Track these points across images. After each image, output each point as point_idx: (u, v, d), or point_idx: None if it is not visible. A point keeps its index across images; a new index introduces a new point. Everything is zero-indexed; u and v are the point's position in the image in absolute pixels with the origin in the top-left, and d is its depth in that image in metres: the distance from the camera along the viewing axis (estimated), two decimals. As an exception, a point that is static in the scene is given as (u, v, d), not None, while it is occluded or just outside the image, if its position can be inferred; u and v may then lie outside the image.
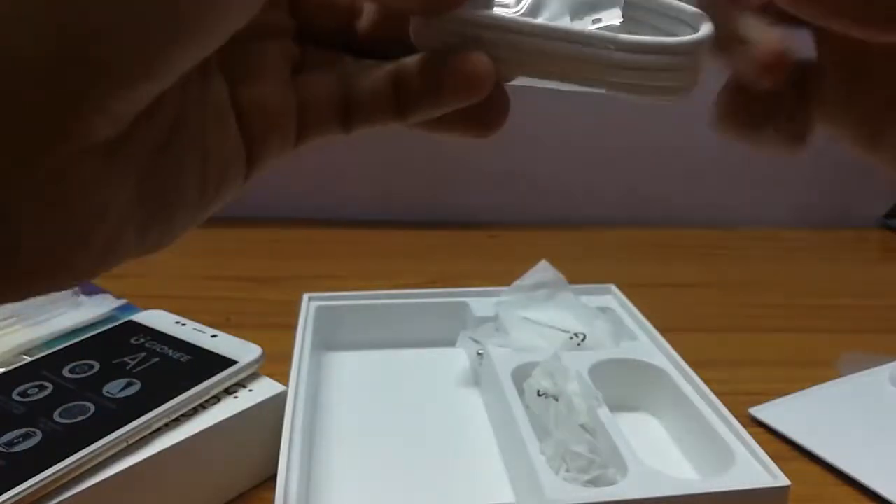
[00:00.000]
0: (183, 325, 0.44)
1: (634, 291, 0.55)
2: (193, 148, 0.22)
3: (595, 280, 0.56)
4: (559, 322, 0.49)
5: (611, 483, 0.37)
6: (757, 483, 0.36)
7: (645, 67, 0.23)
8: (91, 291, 0.58)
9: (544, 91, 0.27)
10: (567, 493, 0.35)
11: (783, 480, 0.36)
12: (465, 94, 0.24)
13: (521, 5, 0.24)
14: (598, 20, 0.24)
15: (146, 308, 0.47)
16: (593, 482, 0.38)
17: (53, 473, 0.32)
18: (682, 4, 0.24)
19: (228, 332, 0.43)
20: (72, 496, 0.32)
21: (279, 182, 0.83)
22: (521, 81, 0.25)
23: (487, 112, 0.25)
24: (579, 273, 0.55)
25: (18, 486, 0.31)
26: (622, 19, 0.24)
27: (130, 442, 0.35)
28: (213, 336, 0.43)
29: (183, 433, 0.36)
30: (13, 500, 0.31)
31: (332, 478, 0.41)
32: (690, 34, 0.24)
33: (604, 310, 0.52)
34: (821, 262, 0.78)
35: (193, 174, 0.23)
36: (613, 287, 0.56)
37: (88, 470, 0.33)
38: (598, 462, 0.38)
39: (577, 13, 0.24)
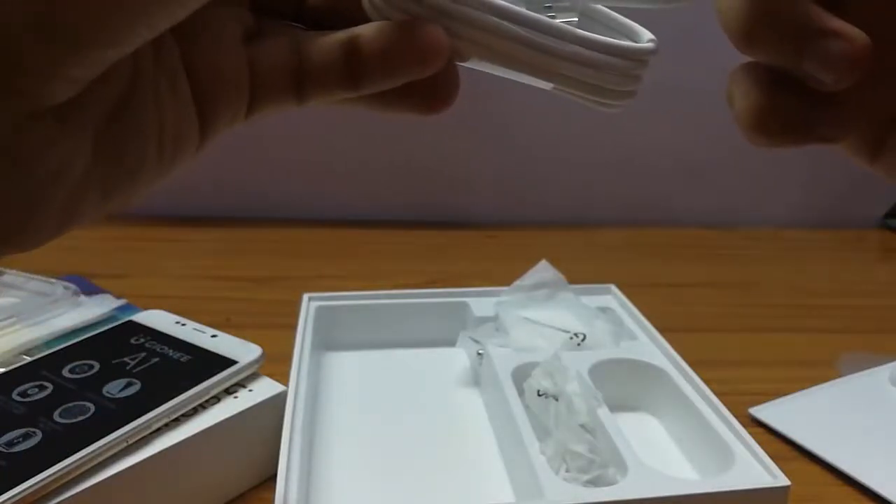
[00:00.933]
0: (183, 325, 0.44)
1: (634, 291, 0.55)
2: (148, 110, 0.22)
3: (595, 280, 0.56)
4: (559, 322, 0.49)
5: (611, 483, 0.37)
6: (757, 483, 0.36)
7: (597, 66, 0.23)
8: (91, 291, 0.58)
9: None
10: (567, 493, 0.35)
11: (783, 480, 0.36)
12: (420, 66, 0.24)
13: None
14: (554, 16, 0.24)
15: (146, 308, 0.47)
16: (593, 482, 0.38)
17: (53, 473, 0.32)
18: (634, 24, 0.25)
19: (228, 332, 0.43)
20: (72, 496, 0.32)
21: (279, 182, 0.83)
22: (472, 64, 0.25)
23: (436, 89, 0.25)
24: (579, 273, 0.55)
25: (18, 486, 0.31)
26: (577, 18, 0.24)
27: (130, 442, 0.35)
28: (213, 336, 0.43)
29: (183, 433, 0.36)
30: (13, 500, 0.31)
31: (332, 478, 0.41)
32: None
33: (604, 310, 0.52)
34: (821, 262, 0.78)
35: (151, 136, 0.23)
36: (613, 287, 0.56)
37: (88, 470, 0.33)
38: (598, 462, 0.38)
39: (532, 6, 0.24)
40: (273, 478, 0.37)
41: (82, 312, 0.53)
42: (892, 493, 0.41)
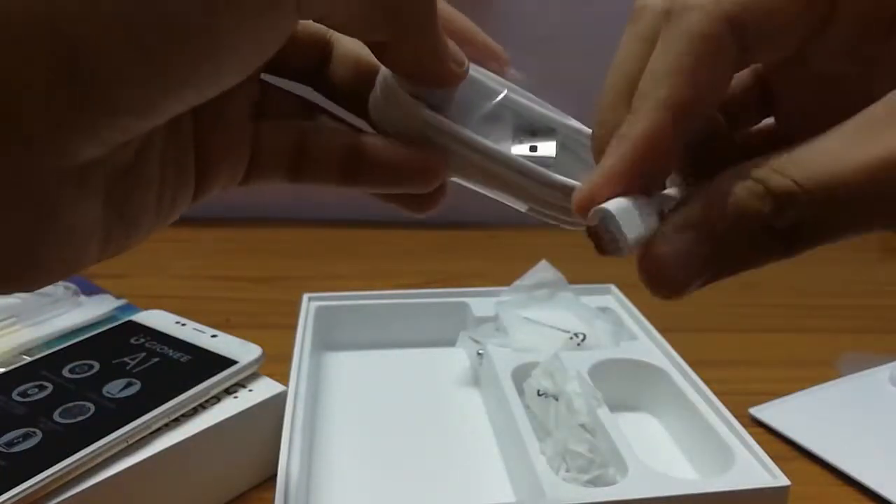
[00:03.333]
0: (183, 325, 0.44)
1: (634, 291, 0.55)
2: (155, 171, 0.23)
3: (595, 280, 0.56)
4: (559, 322, 0.49)
5: (611, 483, 0.37)
6: (757, 483, 0.36)
7: (553, 205, 0.25)
8: (91, 291, 0.58)
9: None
10: (567, 492, 0.35)
11: (783, 480, 0.36)
12: (417, 186, 0.26)
13: (476, 114, 0.26)
14: (535, 148, 0.26)
15: (146, 308, 0.47)
16: (593, 482, 0.38)
17: (53, 473, 0.32)
18: None
19: (228, 332, 0.43)
20: (72, 496, 0.32)
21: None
22: (458, 179, 0.27)
23: (425, 198, 0.27)
24: (579, 273, 0.55)
25: (18, 486, 0.31)
26: (555, 153, 0.26)
27: (130, 442, 0.35)
28: (213, 336, 0.43)
29: (183, 433, 0.36)
30: (13, 500, 0.31)
31: (333, 478, 0.41)
32: None
33: (604, 310, 0.52)
34: (821, 262, 0.78)
35: (153, 195, 0.23)
36: (613, 287, 0.56)
37: (88, 470, 0.33)
38: (598, 462, 0.38)
39: (518, 135, 0.26)
40: (273, 478, 0.37)
41: (82, 312, 0.53)
42: (892, 494, 0.41)
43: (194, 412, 0.38)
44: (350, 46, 0.27)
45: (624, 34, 0.24)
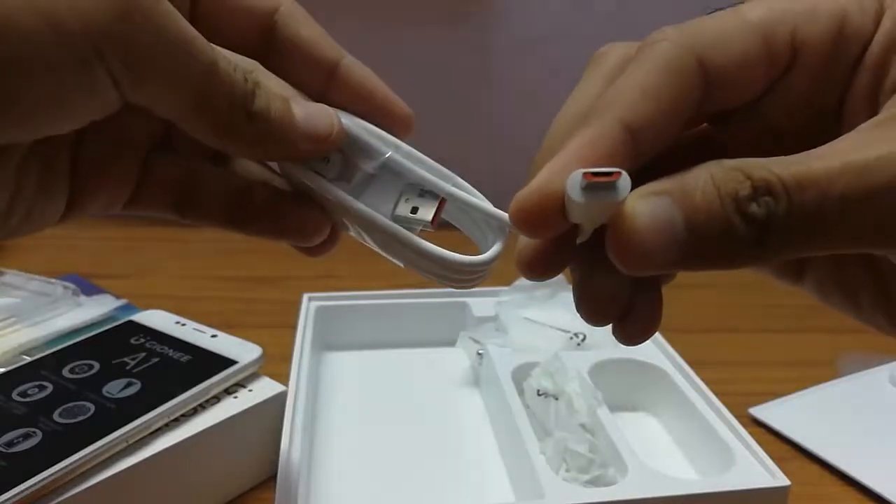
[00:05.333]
0: (183, 325, 0.44)
1: (634, 291, 0.55)
2: (4, 186, 0.23)
3: (595, 280, 0.56)
4: (559, 322, 0.49)
5: (611, 483, 0.37)
6: (757, 483, 0.36)
7: (428, 270, 0.26)
8: (91, 291, 0.58)
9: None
10: (567, 492, 0.35)
11: (783, 480, 0.36)
12: (299, 241, 0.28)
13: (358, 173, 0.26)
14: (416, 209, 0.26)
15: (146, 308, 0.47)
16: (593, 482, 0.38)
17: (53, 473, 0.32)
18: (498, 212, 0.26)
19: (228, 332, 0.43)
20: (72, 496, 0.32)
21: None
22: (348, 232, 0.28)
23: (313, 247, 0.29)
24: (579, 273, 0.55)
25: (18, 486, 0.31)
26: (432, 217, 0.26)
27: (130, 442, 0.35)
28: (213, 336, 0.43)
29: (183, 433, 0.36)
30: (13, 500, 0.31)
31: (332, 478, 0.41)
32: (491, 244, 0.26)
33: (604, 310, 0.52)
34: (821, 262, 0.78)
35: (2, 200, 0.23)
36: (613, 287, 0.56)
37: (88, 470, 0.33)
38: (597, 462, 0.38)
39: (405, 193, 0.26)
40: (273, 478, 0.37)
41: (82, 312, 0.53)
42: (892, 494, 0.41)
43: (194, 412, 0.38)
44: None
45: (582, 77, 0.24)
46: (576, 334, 0.48)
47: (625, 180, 0.18)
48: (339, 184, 0.26)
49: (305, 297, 0.53)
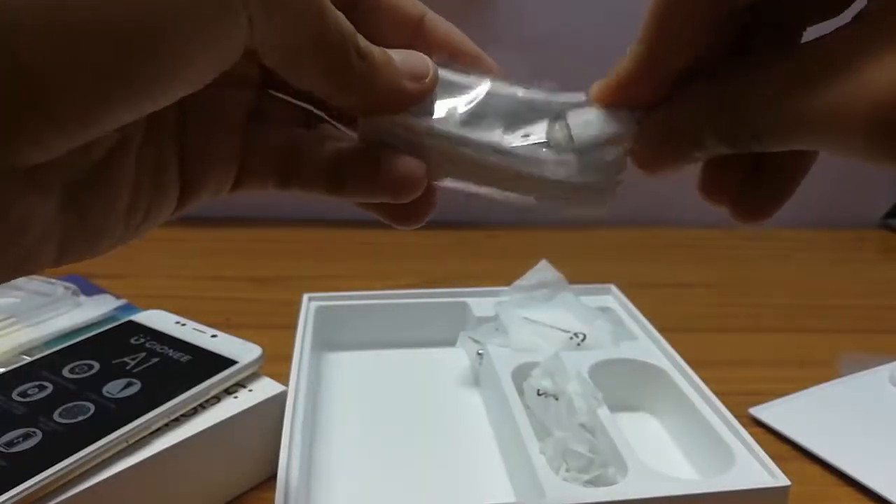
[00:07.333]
0: (183, 325, 0.44)
1: (634, 291, 0.55)
2: (124, 180, 0.23)
3: (595, 280, 0.56)
4: (559, 322, 0.49)
5: (611, 483, 0.37)
6: (757, 483, 0.36)
7: (566, 179, 0.25)
8: (91, 291, 0.58)
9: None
10: (567, 492, 0.35)
11: (783, 480, 0.36)
12: (395, 195, 0.26)
13: (460, 112, 0.26)
14: (528, 135, 0.25)
15: (146, 308, 0.47)
16: (593, 482, 0.38)
17: (53, 473, 0.32)
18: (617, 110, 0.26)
19: (228, 332, 0.43)
20: (72, 496, 0.32)
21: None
22: (450, 183, 0.27)
23: (412, 208, 0.27)
24: (579, 273, 0.55)
25: (18, 486, 0.31)
26: (545, 135, 0.25)
27: (130, 442, 0.35)
28: (213, 336, 0.43)
29: (183, 433, 0.36)
30: (13, 500, 0.31)
31: (332, 478, 0.41)
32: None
33: (604, 310, 0.52)
34: (821, 262, 0.78)
35: (121, 206, 0.23)
36: (613, 287, 0.56)
37: (88, 470, 0.33)
38: (598, 462, 0.38)
39: (509, 126, 0.26)
40: (273, 478, 0.37)
41: (82, 312, 0.53)
42: (892, 494, 0.41)
43: (194, 412, 0.38)
44: None
45: None
46: (576, 334, 0.48)
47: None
48: (440, 121, 0.25)
49: (305, 297, 0.53)
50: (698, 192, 0.28)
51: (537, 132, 0.25)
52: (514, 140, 0.25)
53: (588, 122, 0.25)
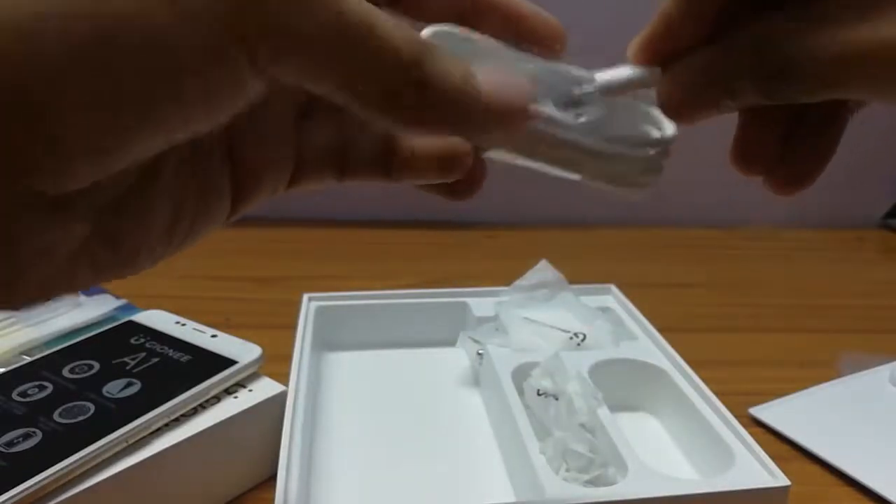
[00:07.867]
0: (183, 325, 0.44)
1: (634, 291, 0.55)
2: (162, 202, 0.22)
3: (595, 280, 0.56)
4: (559, 322, 0.49)
5: (611, 483, 0.37)
6: (757, 483, 0.36)
7: (618, 160, 0.25)
8: (91, 291, 0.58)
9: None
10: (567, 492, 0.35)
11: (783, 480, 0.36)
12: (444, 173, 0.26)
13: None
14: (580, 115, 0.25)
15: (146, 308, 0.47)
16: (593, 482, 0.38)
17: (53, 473, 0.32)
18: (657, 112, 0.26)
19: (228, 332, 0.43)
20: (72, 496, 0.32)
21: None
22: (498, 155, 0.26)
23: (462, 184, 0.27)
24: (579, 273, 0.55)
25: (18, 486, 0.31)
26: (603, 112, 0.25)
27: (130, 442, 0.35)
28: (213, 336, 0.43)
29: (183, 433, 0.36)
30: (13, 500, 0.31)
31: (332, 478, 0.41)
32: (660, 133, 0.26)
33: (604, 310, 0.52)
34: (820, 262, 0.78)
35: (159, 223, 0.22)
36: (613, 287, 0.56)
37: (88, 470, 0.33)
38: (597, 462, 0.38)
39: (550, 97, 0.25)
40: (273, 478, 0.37)
41: (82, 312, 0.53)
42: (892, 494, 0.41)
43: (194, 412, 0.38)
44: None
45: None
46: (576, 334, 0.48)
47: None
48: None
49: (305, 297, 0.53)
50: (731, 162, 0.26)
51: (589, 112, 0.25)
52: (569, 118, 0.25)
53: (617, 71, 0.25)
